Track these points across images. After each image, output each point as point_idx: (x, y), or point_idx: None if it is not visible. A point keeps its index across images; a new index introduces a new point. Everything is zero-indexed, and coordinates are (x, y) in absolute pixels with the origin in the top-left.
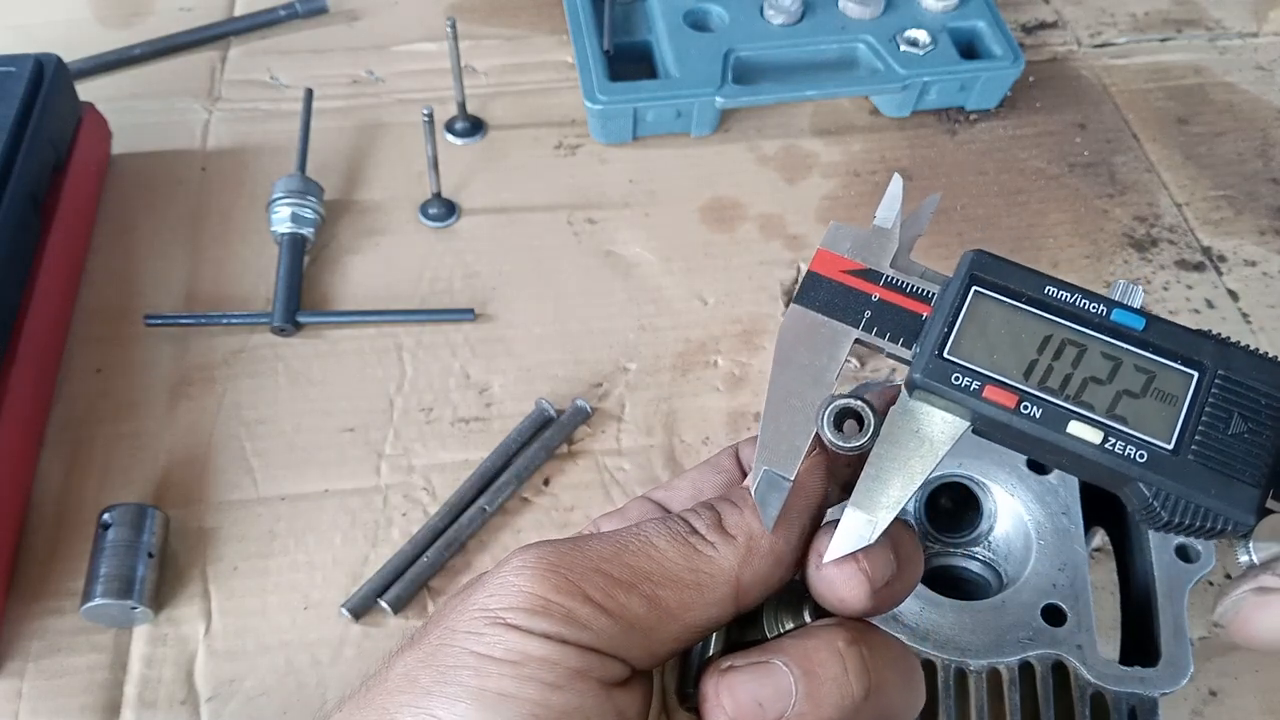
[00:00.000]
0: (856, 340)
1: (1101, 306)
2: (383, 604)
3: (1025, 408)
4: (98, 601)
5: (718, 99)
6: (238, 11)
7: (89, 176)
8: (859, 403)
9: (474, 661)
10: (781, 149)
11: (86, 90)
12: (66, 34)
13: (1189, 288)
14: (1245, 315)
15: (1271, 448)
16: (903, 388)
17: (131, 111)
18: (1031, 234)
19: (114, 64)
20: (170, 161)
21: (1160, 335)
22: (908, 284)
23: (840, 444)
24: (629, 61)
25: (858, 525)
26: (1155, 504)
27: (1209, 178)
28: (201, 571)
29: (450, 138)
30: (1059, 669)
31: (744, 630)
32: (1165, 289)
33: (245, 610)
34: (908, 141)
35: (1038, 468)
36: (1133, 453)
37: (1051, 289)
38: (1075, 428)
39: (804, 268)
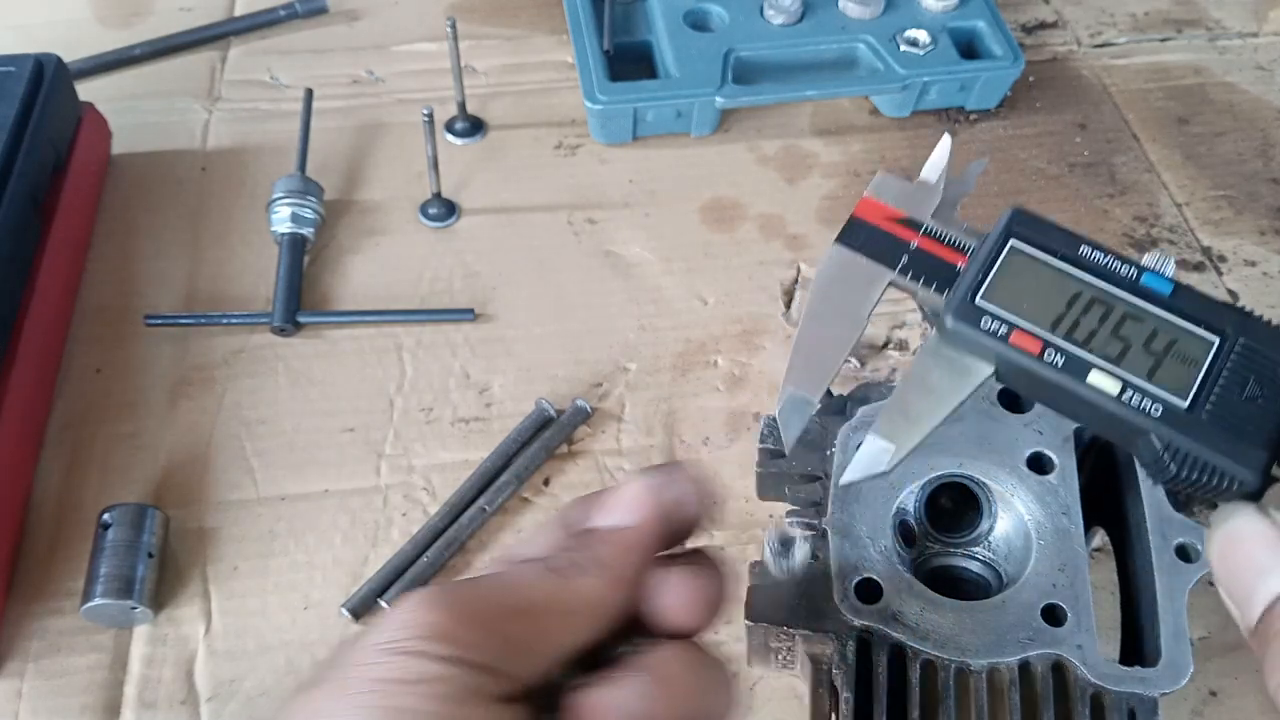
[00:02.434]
0: (891, 283)
1: (1132, 270)
2: (383, 604)
3: (1048, 355)
4: (98, 601)
5: (718, 99)
6: (238, 11)
7: (89, 176)
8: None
9: (379, 686)
10: (781, 149)
11: (86, 90)
12: (66, 34)
13: None
14: None
15: None
16: (934, 329)
17: (131, 111)
18: None
19: (114, 64)
20: (170, 161)
21: (1186, 301)
22: (947, 235)
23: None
24: (629, 61)
25: (876, 451)
26: (1165, 457)
27: (1209, 178)
28: (201, 571)
29: (450, 138)
30: (1059, 669)
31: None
32: None
33: (245, 610)
34: (908, 141)
35: (1038, 468)
36: (1148, 406)
37: (1086, 249)
38: (1095, 378)
39: (804, 268)
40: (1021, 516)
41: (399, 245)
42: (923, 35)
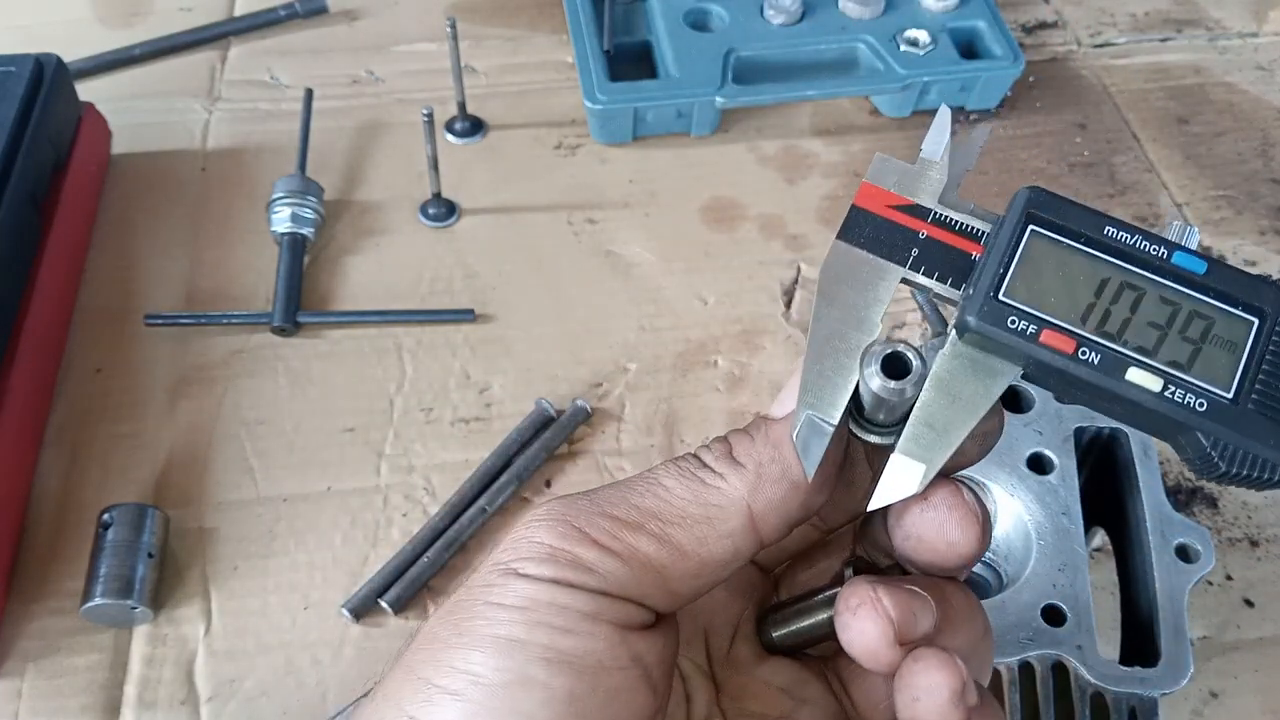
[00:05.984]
0: (903, 280)
1: (1162, 249)
2: (383, 604)
3: (1083, 353)
4: (98, 601)
5: (718, 99)
6: (238, 11)
7: (89, 176)
8: (904, 347)
9: (487, 611)
10: (781, 149)
11: (86, 90)
12: (66, 34)
13: None
14: None
15: None
16: (952, 330)
17: (131, 111)
18: None
19: (114, 64)
20: (170, 161)
21: (1220, 280)
22: (957, 221)
23: (887, 392)
24: (629, 61)
25: (905, 472)
26: (1214, 454)
27: (1209, 178)
28: (201, 571)
29: (450, 138)
30: (1059, 669)
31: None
32: None
33: (245, 610)
34: (908, 141)
35: (1038, 468)
36: (1192, 401)
37: (1111, 229)
38: (1134, 375)
39: (804, 268)
40: (1021, 516)
41: (399, 245)
42: (923, 35)
